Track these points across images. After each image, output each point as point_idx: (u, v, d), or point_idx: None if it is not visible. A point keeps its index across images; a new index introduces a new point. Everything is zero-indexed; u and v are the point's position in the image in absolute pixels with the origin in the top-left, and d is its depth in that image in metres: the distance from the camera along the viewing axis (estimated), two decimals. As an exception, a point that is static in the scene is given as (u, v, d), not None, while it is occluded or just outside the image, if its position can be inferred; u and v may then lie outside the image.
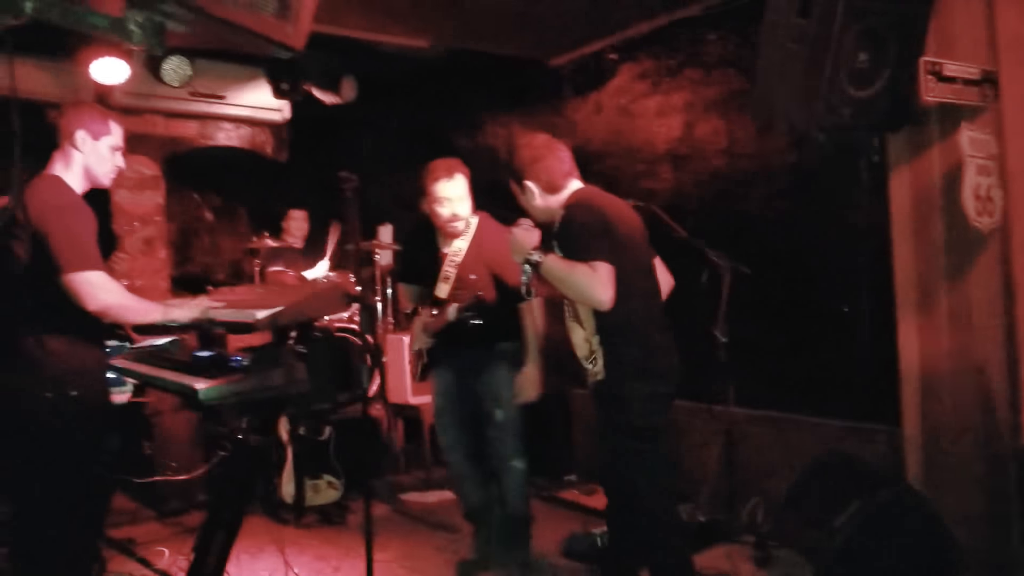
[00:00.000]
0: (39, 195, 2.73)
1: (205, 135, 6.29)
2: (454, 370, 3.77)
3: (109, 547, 4.08)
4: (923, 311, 3.35)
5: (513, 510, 3.69)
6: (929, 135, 3.28)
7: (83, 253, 2.69)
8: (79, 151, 2.87)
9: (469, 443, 3.80)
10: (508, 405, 3.61)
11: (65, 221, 2.71)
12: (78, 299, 2.67)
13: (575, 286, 2.79)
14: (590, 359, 2.94)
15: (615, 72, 5.12)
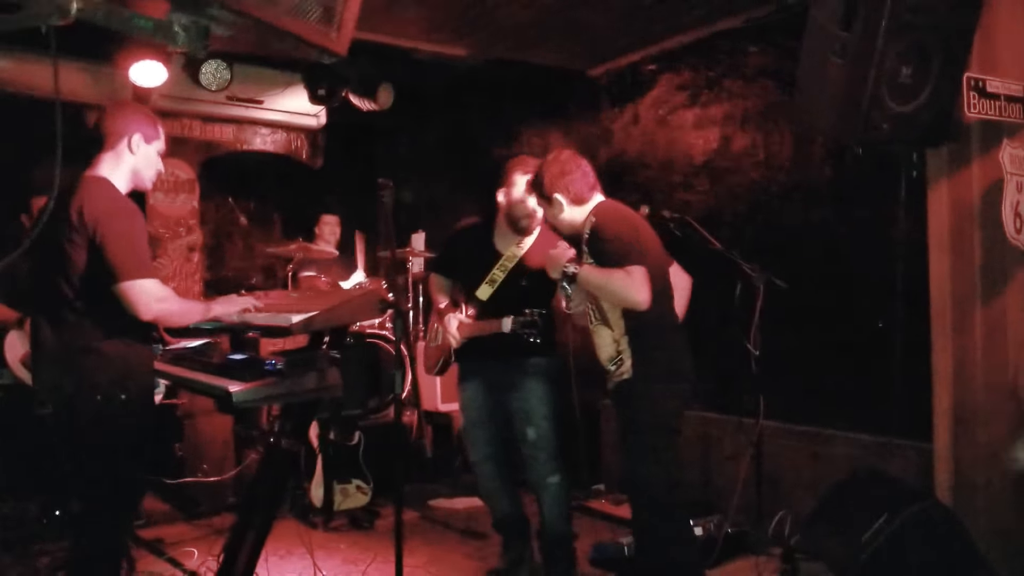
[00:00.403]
0: (92, 198, 2.73)
1: (241, 139, 6.37)
2: (485, 383, 3.70)
3: (139, 546, 4.14)
4: (958, 327, 3.31)
5: (553, 528, 3.62)
6: (969, 151, 3.24)
7: (138, 261, 2.70)
8: (132, 154, 2.88)
9: (499, 456, 3.77)
10: (541, 423, 3.54)
11: (121, 227, 2.70)
12: (132, 307, 2.67)
13: (614, 290, 2.90)
14: (615, 360, 3.02)
15: (653, 83, 5.11)
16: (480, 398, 3.73)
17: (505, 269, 3.63)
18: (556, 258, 3.05)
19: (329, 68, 5.51)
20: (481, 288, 3.63)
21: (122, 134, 2.85)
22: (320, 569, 3.57)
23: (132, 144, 2.87)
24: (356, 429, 4.96)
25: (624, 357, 2.98)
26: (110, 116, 2.90)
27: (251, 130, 6.40)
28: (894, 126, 2.79)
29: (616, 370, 3.01)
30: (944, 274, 3.31)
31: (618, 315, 2.99)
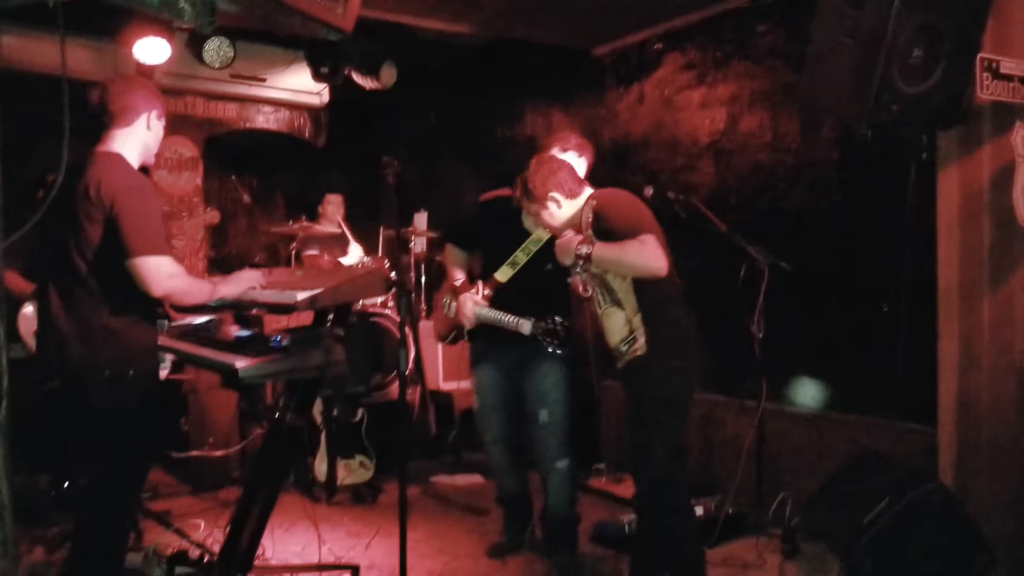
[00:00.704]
0: (109, 174, 2.72)
1: (244, 117, 6.35)
2: (500, 366, 3.70)
3: (146, 518, 4.17)
4: (965, 311, 3.31)
5: (557, 511, 3.64)
6: (980, 134, 3.22)
7: (151, 237, 2.69)
8: (149, 130, 2.88)
9: (510, 438, 3.79)
10: (554, 407, 3.54)
11: (137, 204, 2.70)
12: (144, 284, 2.67)
13: (631, 261, 2.89)
14: (628, 340, 3.01)
15: (659, 63, 5.08)
16: (495, 380, 3.74)
17: (529, 252, 3.54)
18: (567, 245, 3.03)
19: (332, 46, 5.48)
20: (502, 269, 3.57)
21: (140, 111, 2.84)
22: (324, 541, 3.60)
23: (151, 121, 2.87)
24: (359, 406, 4.99)
25: (637, 335, 2.98)
26: (120, 91, 2.86)
27: (254, 108, 6.39)
28: (905, 108, 2.78)
29: (629, 349, 3.01)
30: (952, 258, 3.30)
31: (629, 291, 2.98)
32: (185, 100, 5.99)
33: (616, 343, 3.05)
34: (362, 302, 5.33)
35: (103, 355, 2.74)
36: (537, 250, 3.52)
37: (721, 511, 4.00)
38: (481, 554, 3.89)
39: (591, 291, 3.09)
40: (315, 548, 3.58)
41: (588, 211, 3.07)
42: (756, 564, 3.68)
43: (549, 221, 3.19)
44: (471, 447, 5.78)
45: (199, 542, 3.83)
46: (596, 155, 3.54)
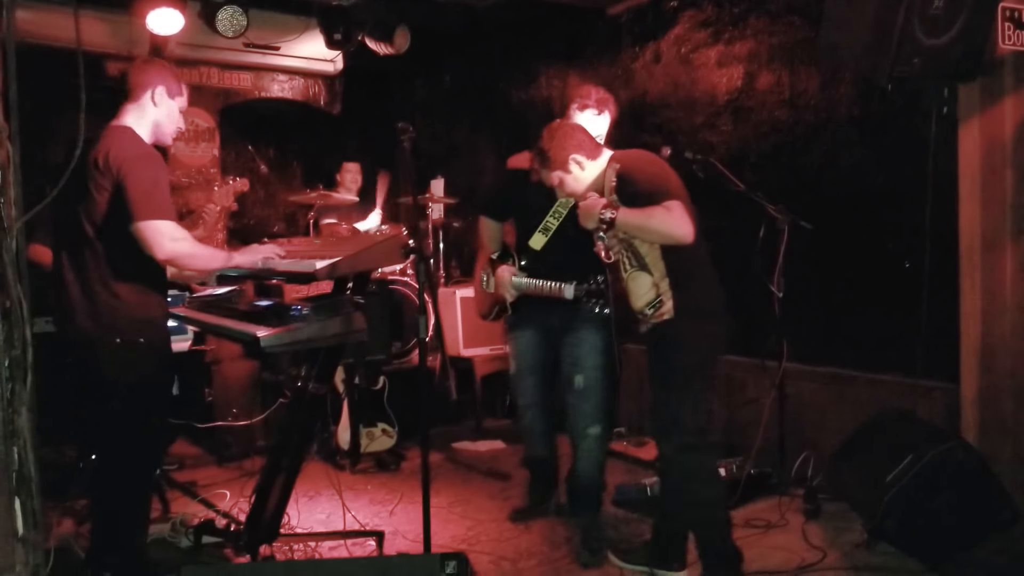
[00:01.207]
0: (117, 144, 2.81)
1: (259, 87, 6.35)
2: (539, 330, 3.66)
3: (172, 488, 4.24)
4: (987, 267, 3.28)
5: (585, 476, 3.62)
6: (1002, 86, 3.17)
7: (156, 202, 2.77)
8: (155, 106, 2.96)
9: (545, 403, 3.80)
10: (590, 372, 3.49)
11: (141, 171, 2.78)
12: (148, 247, 2.75)
13: (656, 227, 2.85)
14: (654, 303, 2.98)
15: (675, 20, 4.99)
16: (533, 345, 3.73)
17: (560, 216, 3.50)
18: (590, 208, 2.98)
19: (345, 12, 5.44)
20: (535, 237, 3.54)
21: (146, 86, 2.94)
22: (348, 509, 3.64)
23: (155, 96, 2.96)
24: (381, 374, 5.03)
25: (664, 298, 2.96)
26: (135, 69, 3.00)
27: (268, 77, 6.38)
28: (925, 61, 2.73)
29: (654, 312, 2.97)
30: (974, 213, 3.26)
31: (657, 256, 2.95)
32: (200, 71, 6.00)
33: (641, 307, 3.02)
34: (381, 269, 5.35)
35: (113, 324, 2.81)
36: (567, 213, 3.47)
37: (743, 472, 4.01)
38: (504, 519, 3.93)
39: (614, 256, 3.06)
40: (340, 516, 3.63)
41: (612, 174, 3.02)
42: (779, 524, 3.69)
43: (573, 186, 3.13)
44: (492, 413, 5.83)
45: (225, 511, 3.90)
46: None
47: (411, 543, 3.60)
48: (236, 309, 3.23)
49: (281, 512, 3.25)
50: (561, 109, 3.62)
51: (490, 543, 3.65)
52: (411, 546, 3.56)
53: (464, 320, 5.63)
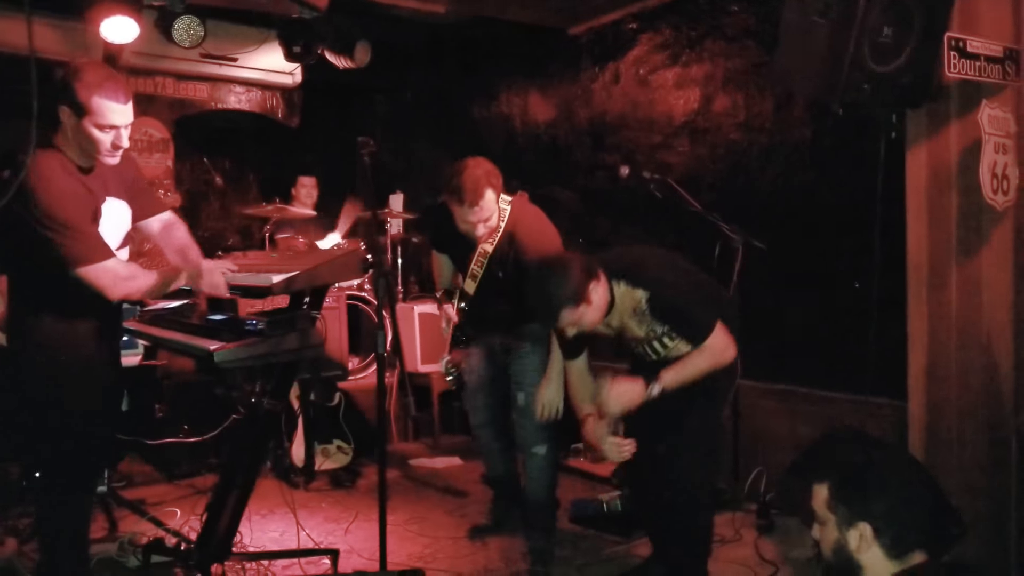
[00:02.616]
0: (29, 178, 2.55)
1: (216, 98, 6.28)
2: (487, 349, 3.70)
3: (120, 507, 4.14)
4: (933, 287, 3.35)
5: (534, 495, 3.61)
6: (948, 112, 3.25)
7: (88, 246, 2.60)
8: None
9: (498, 422, 3.80)
10: (531, 390, 3.49)
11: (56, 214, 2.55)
12: (99, 290, 2.63)
13: (706, 371, 2.84)
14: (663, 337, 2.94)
15: (634, 42, 5.07)
16: (482, 365, 3.74)
17: (482, 264, 3.51)
18: (626, 398, 2.84)
19: (305, 25, 5.40)
20: (467, 282, 3.57)
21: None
22: (303, 527, 3.60)
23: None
24: (336, 390, 4.98)
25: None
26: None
27: (225, 88, 6.32)
28: (875, 87, 2.79)
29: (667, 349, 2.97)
30: (921, 234, 3.34)
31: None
32: (155, 80, 5.91)
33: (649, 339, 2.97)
34: (338, 284, 5.31)
35: (35, 342, 2.69)
36: (488, 262, 3.47)
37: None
38: (461, 535, 3.92)
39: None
40: (294, 534, 3.58)
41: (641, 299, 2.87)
42: (733, 539, 3.73)
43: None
44: (450, 429, 5.80)
45: (175, 530, 3.81)
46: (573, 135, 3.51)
47: (367, 561, 3.56)
48: (189, 323, 3.18)
49: (233, 530, 3.19)
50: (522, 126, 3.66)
51: (447, 560, 3.63)
52: (367, 564, 3.52)
53: (422, 336, 5.61)
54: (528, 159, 5.80)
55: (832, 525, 1.97)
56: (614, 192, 5.08)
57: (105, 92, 2.60)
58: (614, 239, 5.18)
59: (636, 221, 4.99)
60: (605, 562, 3.57)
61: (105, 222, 2.77)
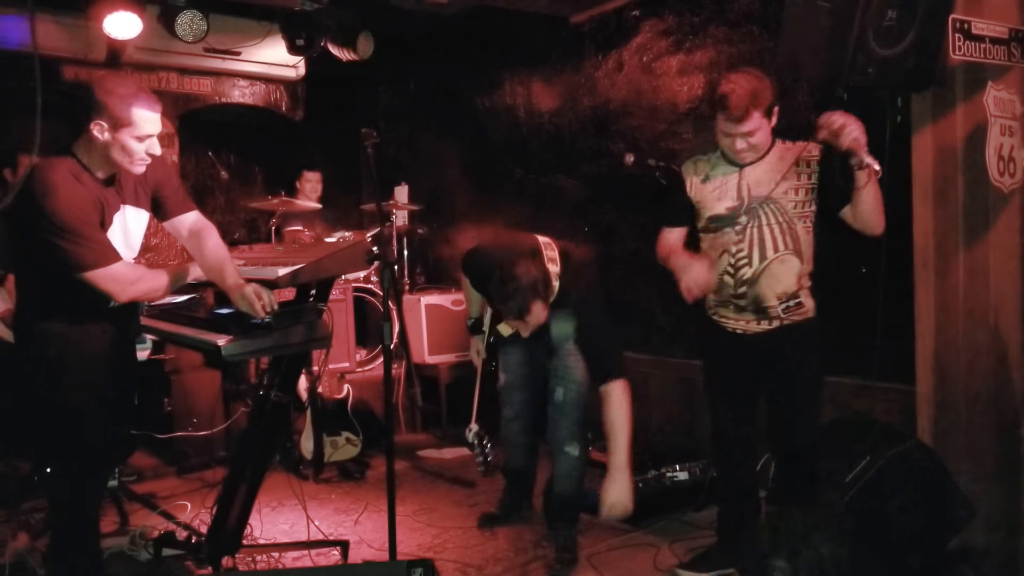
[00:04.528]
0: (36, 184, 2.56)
1: (219, 92, 6.28)
2: (529, 347, 3.66)
3: (131, 501, 4.17)
4: (941, 271, 3.34)
5: (563, 492, 3.59)
6: (953, 95, 3.23)
7: (94, 251, 2.61)
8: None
9: (528, 417, 3.82)
10: (571, 386, 3.48)
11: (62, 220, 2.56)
12: (107, 294, 2.64)
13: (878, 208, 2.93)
14: (790, 296, 3.01)
15: (637, 29, 5.04)
16: (521, 360, 3.76)
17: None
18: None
19: (307, 17, 5.41)
20: (503, 325, 3.61)
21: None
22: (312, 519, 3.61)
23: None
24: (344, 382, 5.00)
25: (803, 297, 3.01)
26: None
27: (229, 82, 6.32)
28: (879, 70, 2.78)
29: (788, 308, 3.00)
30: (927, 218, 3.33)
31: (811, 244, 2.99)
32: (158, 75, 5.91)
33: (778, 294, 2.99)
34: (345, 277, 5.33)
35: (40, 337, 2.70)
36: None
37: (707, 475, 4.05)
38: (470, 526, 3.93)
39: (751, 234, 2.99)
40: (304, 526, 3.60)
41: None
42: (742, 525, 3.73)
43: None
44: (458, 420, 5.81)
45: (186, 523, 3.84)
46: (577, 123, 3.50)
47: (376, 552, 3.57)
48: (196, 317, 3.19)
49: (243, 523, 3.22)
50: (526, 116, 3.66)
51: (456, 550, 3.64)
52: (376, 555, 3.54)
53: (429, 327, 5.62)
54: (532, 148, 5.78)
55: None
56: (619, 180, 5.06)
57: (142, 103, 2.65)
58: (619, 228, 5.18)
59: (641, 209, 4.98)
60: (613, 550, 3.58)
61: (117, 229, 2.76)
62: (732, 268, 3.05)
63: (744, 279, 3.03)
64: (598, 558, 3.48)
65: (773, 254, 3.00)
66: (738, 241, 3.03)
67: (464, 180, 6.43)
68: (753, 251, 3.02)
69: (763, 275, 3.01)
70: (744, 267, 3.02)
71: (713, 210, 3.09)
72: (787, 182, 3.00)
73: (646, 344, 4.98)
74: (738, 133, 2.96)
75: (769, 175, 3.01)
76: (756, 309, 3.05)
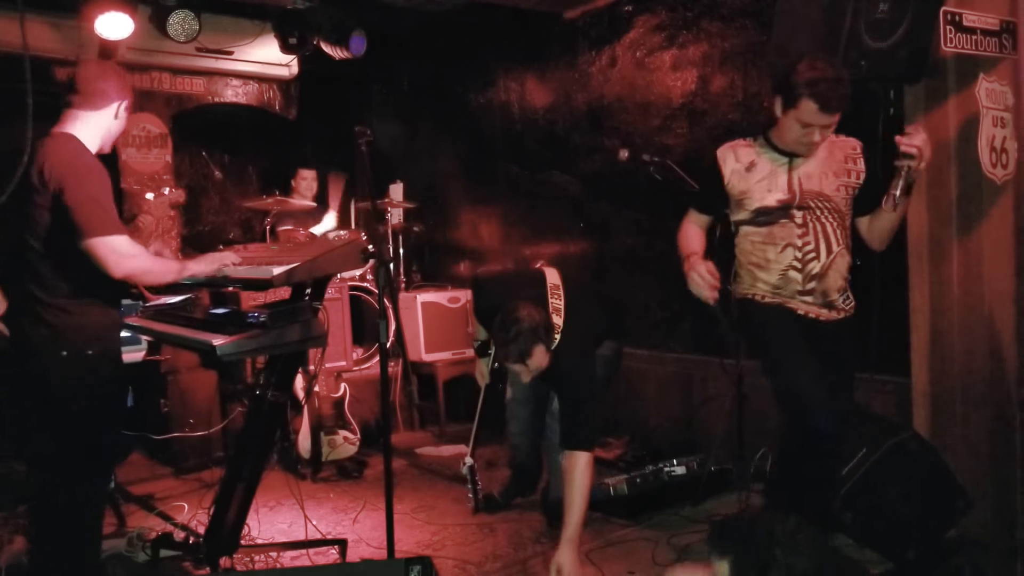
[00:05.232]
0: (56, 156, 2.68)
1: (212, 92, 6.27)
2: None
3: (128, 502, 4.16)
4: (934, 262, 3.35)
5: (556, 498, 3.59)
6: (945, 87, 3.25)
7: (105, 218, 2.66)
8: (116, 119, 2.88)
9: (537, 431, 3.89)
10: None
11: (84, 184, 2.66)
12: (101, 264, 2.65)
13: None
14: (846, 291, 3.00)
15: (630, 24, 5.04)
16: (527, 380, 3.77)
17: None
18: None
19: (300, 16, 5.39)
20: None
21: (113, 98, 2.84)
22: (310, 518, 3.61)
23: (119, 111, 2.88)
24: (341, 381, 4.99)
25: (849, 291, 2.99)
26: (102, 76, 2.85)
27: (222, 82, 6.30)
28: (872, 63, 2.79)
29: (845, 301, 2.99)
30: (921, 210, 3.34)
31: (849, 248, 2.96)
32: (151, 75, 5.90)
33: (839, 288, 2.96)
34: (341, 275, 5.32)
35: (60, 336, 2.70)
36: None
37: (704, 469, 4.06)
38: (468, 523, 3.93)
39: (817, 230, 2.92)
40: (302, 525, 3.60)
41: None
42: (739, 519, 3.74)
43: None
44: (455, 417, 5.82)
45: (184, 524, 3.83)
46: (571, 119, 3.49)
47: (375, 550, 3.57)
48: (192, 318, 3.19)
49: (241, 523, 3.21)
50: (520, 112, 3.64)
51: (455, 547, 3.65)
52: (375, 553, 3.54)
53: (426, 325, 5.62)
54: (527, 144, 5.78)
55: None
56: (614, 175, 5.07)
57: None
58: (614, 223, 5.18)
59: (636, 204, 4.98)
60: (611, 545, 3.58)
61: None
62: (799, 263, 2.91)
63: (813, 273, 2.91)
64: (596, 554, 3.48)
65: (837, 248, 2.92)
66: (802, 234, 2.89)
67: (459, 177, 6.43)
68: (820, 245, 2.90)
69: (830, 269, 2.92)
70: (812, 261, 2.91)
71: (763, 202, 2.93)
72: (837, 178, 2.90)
73: (643, 339, 4.98)
74: (825, 124, 2.76)
75: (820, 169, 2.90)
76: (824, 303, 2.96)
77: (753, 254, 3.02)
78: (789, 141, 2.86)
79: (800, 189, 2.88)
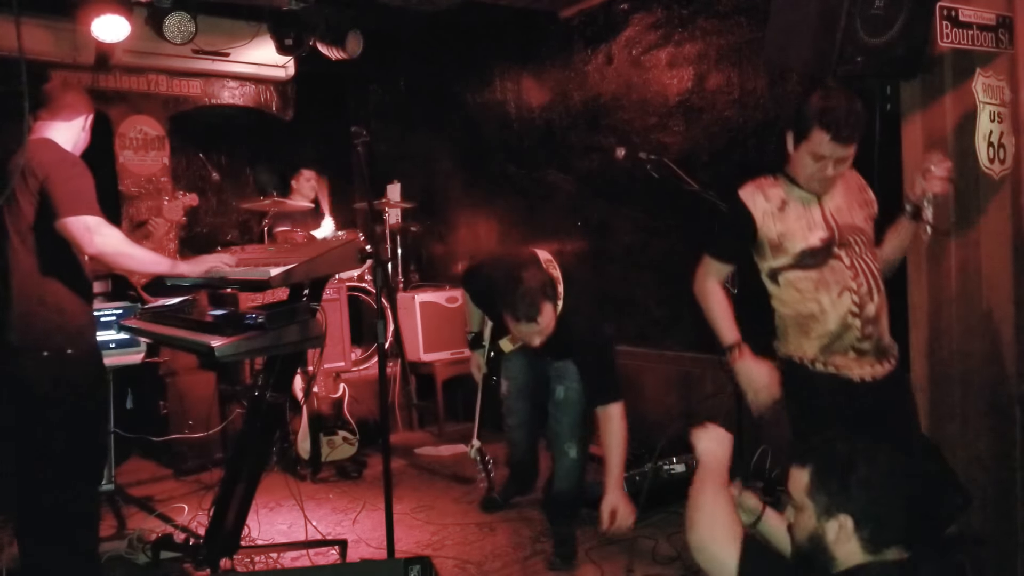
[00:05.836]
0: (40, 153, 2.76)
1: (209, 93, 6.27)
2: (531, 354, 3.64)
3: (128, 504, 4.16)
4: (933, 257, 3.35)
5: (563, 491, 3.60)
6: (942, 82, 3.24)
7: (79, 198, 2.71)
8: (83, 131, 2.99)
9: (534, 423, 3.88)
10: (573, 384, 3.49)
11: (67, 172, 2.74)
12: (75, 243, 2.69)
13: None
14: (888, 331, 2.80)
15: (626, 23, 5.04)
16: (523, 368, 3.79)
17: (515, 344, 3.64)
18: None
19: (296, 16, 5.39)
20: (504, 341, 3.69)
21: (81, 111, 2.97)
22: (310, 519, 3.61)
23: (86, 123, 3.00)
24: (340, 381, 4.99)
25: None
26: (70, 89, 3.06)
27: (219, 84, 6.30)
28: (868, 59, 2.78)
29: (891, 344, 2.80)
30: (919, 206, 3.33)
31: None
32: (147, 78, 5.89)
33: (887, 334, 2.79)
34: (339, 276, 5.32)
35: (39, 335, 2.72)
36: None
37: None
38: (468, 522, 3.94)
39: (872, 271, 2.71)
40: (301, 526, 3.60)
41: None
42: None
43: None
44: (454, 417, 5.82)
45: (183, 526, 3.83)
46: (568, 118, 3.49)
47: (375, 550, 3.57)
48: (190, 319, 3.19)
49: (241, 524, 3.21)
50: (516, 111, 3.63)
51: (455, 547, 3.65)
52: (375, 553, 3.54)
53: (424, 325, 5.62)
54: (524, 144, 5.78)
55: (810, 513, 1.92)
56: (611, 174, 5.07)
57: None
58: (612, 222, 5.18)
59: (633, 202, 4.98)
60: (611, 543, 3.58)
61: None
62: (857, 307, 2.63)
63: (870, 317, 2.65)
64: (597, 552, 3.49)
65: (881, 285, 2.68)
66: (854, 276, 2.63)
67: (456, 177, 6.43)
68: (871, 284, 2.66)
69: (881, 310, 2.68)
70: (868, 303, 2.65)
71: (807, 242, 2.66)
72: (861, 210, 2.76)
73: (642, 338, 4.98)
74: (840, 157, 2.60)
75: (845, 201, 2.74)
76: (877, 349, 2.70)
77: (803, 304, 2.71)
78: (803, 178, 2.68)
79: (837, 225, 2.68)
